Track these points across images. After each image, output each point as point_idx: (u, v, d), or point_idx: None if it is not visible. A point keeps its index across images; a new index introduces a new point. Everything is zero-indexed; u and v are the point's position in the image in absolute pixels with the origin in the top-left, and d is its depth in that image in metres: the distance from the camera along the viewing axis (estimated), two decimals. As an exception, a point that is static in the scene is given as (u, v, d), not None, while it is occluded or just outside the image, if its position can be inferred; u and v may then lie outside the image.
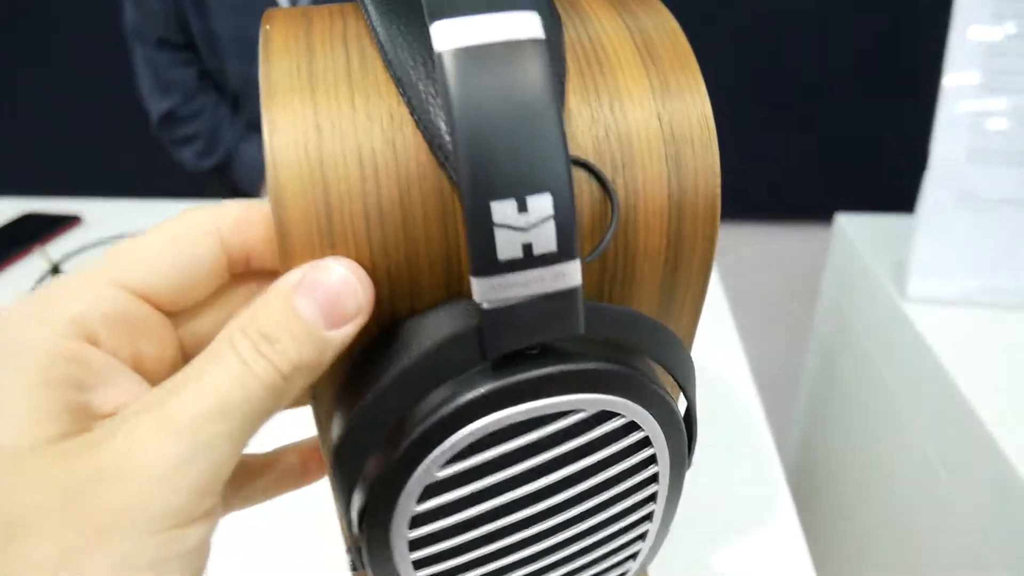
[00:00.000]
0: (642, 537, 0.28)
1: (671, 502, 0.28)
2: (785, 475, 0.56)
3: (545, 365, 0.22)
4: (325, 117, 0.22)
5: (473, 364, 0.22)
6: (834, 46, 1.30)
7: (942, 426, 0.67)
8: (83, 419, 0.20)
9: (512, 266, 0.20)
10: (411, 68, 0.23)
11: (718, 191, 0.25)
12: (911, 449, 0.73)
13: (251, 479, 0.28)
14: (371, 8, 0.24)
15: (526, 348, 0.22)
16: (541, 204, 0.20)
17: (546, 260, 0.20)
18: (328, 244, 0.22)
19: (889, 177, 1.35)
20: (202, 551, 0.20)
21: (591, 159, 0.24)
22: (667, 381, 0.30)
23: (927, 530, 0.70)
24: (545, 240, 0.20)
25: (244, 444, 0.20)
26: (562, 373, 0.22)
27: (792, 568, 0.48)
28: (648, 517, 0.28)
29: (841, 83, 1.34)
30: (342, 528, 0.25)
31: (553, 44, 0.24)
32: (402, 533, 0.23)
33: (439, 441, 0.22)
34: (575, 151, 0.24)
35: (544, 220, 0.20)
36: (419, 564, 0.24)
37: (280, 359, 0.20)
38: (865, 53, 1.30)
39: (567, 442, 0.24)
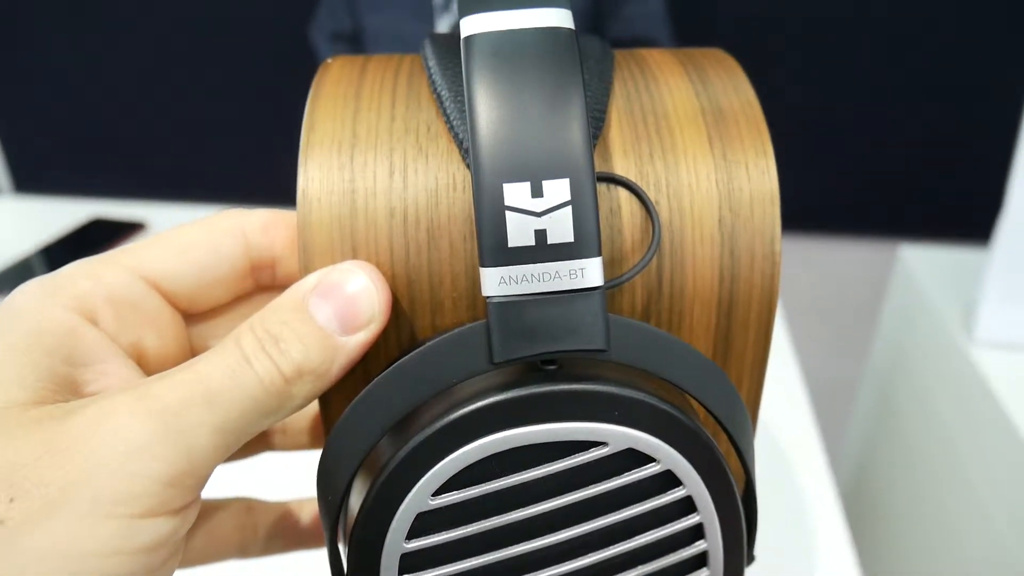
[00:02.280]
0: None
1: None
2: (838, 498, 0.55)
3: (560, 382, 0.19)
4: (363, 121, 0.22)
5: (478, 371, 0.19)
6: (912, 62, 1.27)
7: (1006, 479, 0.65)
8: (65, 392, 0.19)
9: (524, 255, 0.19)
10: (452, 88, 0.22)
11: (777, 269, 0.23)
12: (969, 494, 0.71)
13: (258, 526, 0.27)
14: (428, 47, 0.24)
15: (541, 361, 0.20)
16: (558, 189, 0.18)
17: (562, 252, 0.19)
18: (350, 247, 0.21)
19: (960, 200, 1.32)
20: (158, 554, 0.18)
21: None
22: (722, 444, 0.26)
23: (982, 574, 0.68)
24: (561, 228, 0.19)
25: (230, 443, 0.19)
26: (579, 392, 0.19)
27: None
28: None
29: (916, 100, 1.31)
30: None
31: (597, 58, 0.24)
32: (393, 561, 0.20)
33: (436, 459, 0.19)
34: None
35: (561, 206, 0.18)
36: None
37: (283, 359, 0.19)
38: (945, 72, 1.26)
39: (586, 486, 0.20)
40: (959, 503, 0.73)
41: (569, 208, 0.19)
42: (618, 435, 0.20)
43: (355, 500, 0.21)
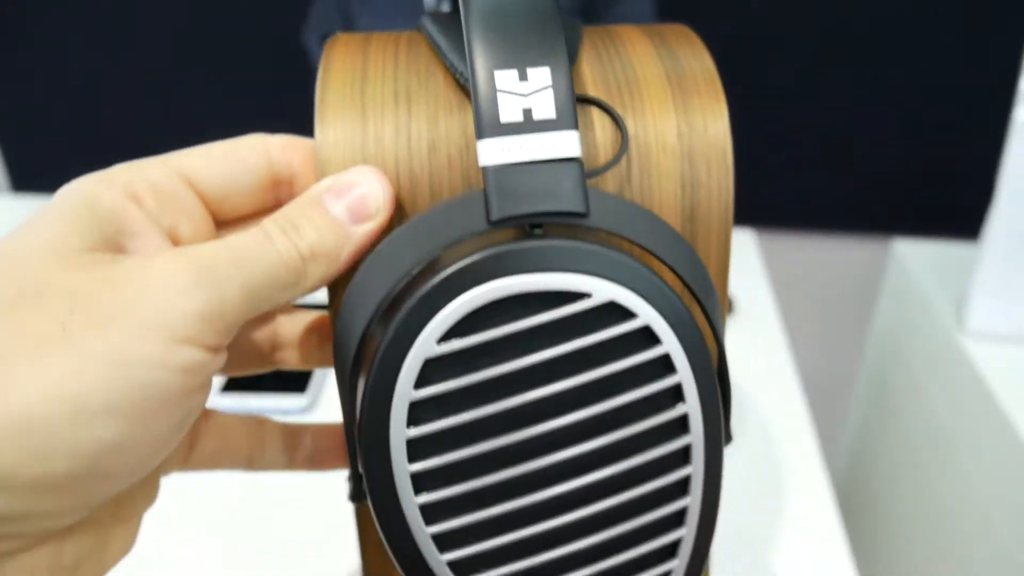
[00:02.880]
0: (680, 521, 0.25)
1: (710, 483, 0.25)
2: (833, 493, 0.56)
3: (548, 239, 0.22)
4: (371, 65, 0.26)
5: (476, 229, 0.23)
6: (906, 60, 1.28)
7: (998, 468, 0.66)
8: (112, 251, 0.22)
9: (514, 128, 0.22)
10: (447, 35, 0.26)
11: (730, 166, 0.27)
12: (964, 488, 0.71)
13: (266, 439, 0.29)
14: (425, 18, 0.28)
15: (529, 226, 0.23)
16: (540, 75, 0.23)
17: (545, 126, 0.22)
18: (360, 159, 0.25)
19: (952, 197, 1.32)
20: (191, 378, 0.20)
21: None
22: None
23: (977, 566, 0.69)
24: (544, 107, 0.22)
25: (254, 303, 0.22)
26: (565, 248, 0.22)
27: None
28: (683, 488, 0.25)
29: (910, 98, 1.31)
30: (352, 463, 0.24)
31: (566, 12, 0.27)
32: (401, 431, 0.22)
33: (438, 308, 0.22)
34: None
35: (543, 89, 0.23)
36: (419, 480, 0.23)
37: (301, 241, 0.22)
38: (937, 69, 1.27)
39: (576, 337, 0.23)
40: (952, 492, 0.74)
41: (550, 90, 0.23)
42: (600, 288, 0.22)
43: (367, 354, 0.23)
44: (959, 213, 1.15)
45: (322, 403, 0.65)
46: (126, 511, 0.24)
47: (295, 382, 0.65)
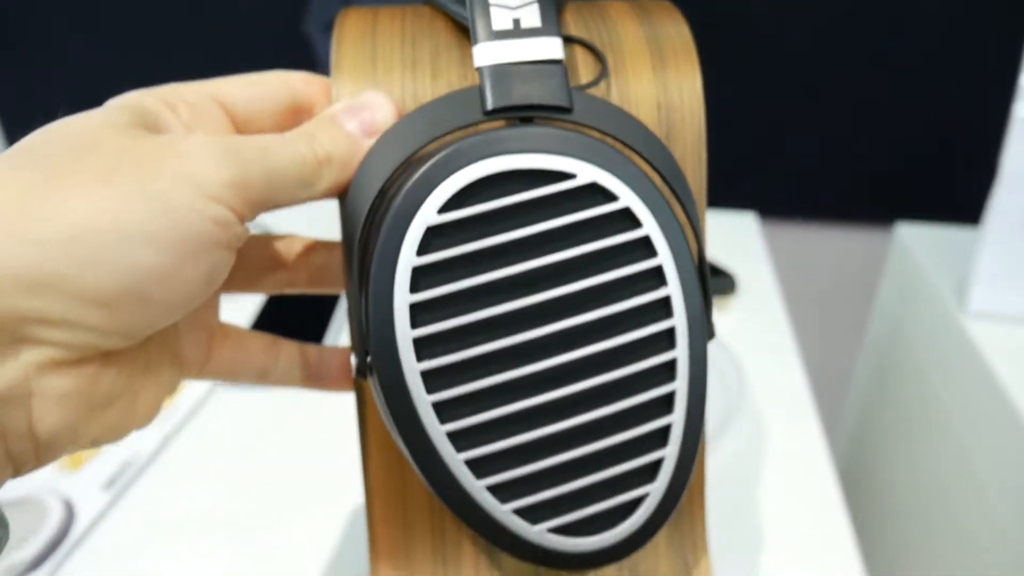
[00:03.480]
0: (668, 405, 0.27)
1: (695, 368, 0.27)
2: (835, 471, 0.56)
3: (537, 127, 0.26)
4: (382, 21, 0.30)
5: (473, 119, 0.26)
6: (901, 48, 1.28)
7: (997, 446, 0.66)
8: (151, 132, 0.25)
9: (504, 35, 0.26)
10: None
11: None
12: (963, 467, 0.72)
13: (280, 355, 0.32)
14: None
15: (521, 118, 0.26)
16: None
17: (532, 32, 0.26)
18: (371, 87, 0.28)
19: (953, 186, 1.33)
20: (220, 232, 0.23)
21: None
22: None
23: (978, 548, 0.70)
24: (530, 16, 0.26)
25: (274, 192, 0.24)
26: (552, 133, 0.25)
27: (842, 566, 0.49)
28: (670, 372, 0.26)
29: (908, 86, 1.32)
30: (352, 335, 0.26)
31: None
32: (404, 297, 0.24)
33: (439, 181, 0.24)
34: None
35: (529, 3, 0.27)
36: (421, 346, 0.25)
37: (318, 147, 0.25)
38: (934, 55, 1.27)
39: (564, 214, 0.25)
40: (952, 471, 0.75)
41: (536, 4, 0.27)
42: (584, 170, 0.25)
43: (373, 227, 0.26)
44: (959, 201, 1.15)
45: (330, 377, 0.66)
46: (155, 374, 0.26)
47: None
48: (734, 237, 0.92)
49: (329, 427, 0.60)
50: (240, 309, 0.72)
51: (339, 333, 0.71)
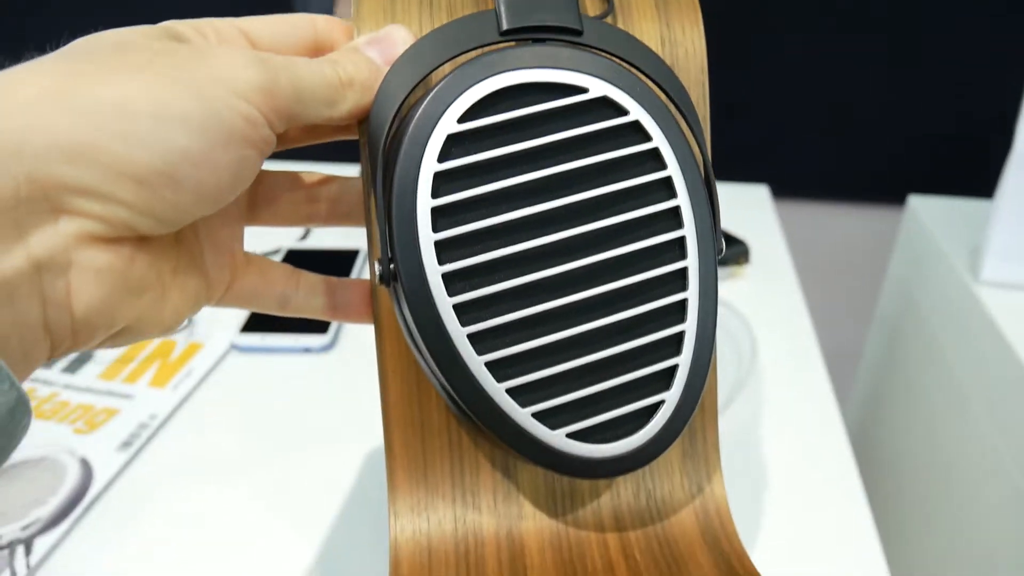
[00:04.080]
0: (681, 314, 0.28)
1: (705, 279, 0.28)
2: (847, 436, 0.56)
3: (550, 45, 0.27)
4: None
5: (488, 39, 0.27)
6: (914, 24, 1.27)
7: (1008, 410, 0.66)
8: None
9: None
10: None
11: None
12: (975, 433, 0.72)
13: (301, 283, 0.32)
14: None
15: (534, 38, 0.27)
16: None
17: None
18: (390, 21, 0.29)
19: (965, 164, 1.32)
20: (251, 130, 0.24)
21: None
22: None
23: (989, 511, 0.70)
24: None
25: (302, 104, 0.25)
26: (564, 51, 0.27)
27: (856, 536, 0.49)
28: (682, 280, 0.28)
29: (922, 62, 1.31)
30: (373, 245, 0.27)
31: None
32: (426, 202, 0.25)
33: (459, 92, 0.26)
34: None
35: None
36: (442, 249, 0.26)
37: (342, 70, 0.26)
38: (947, 33, 1.26)
39: (577, 126, 0.27)
40: (964, 435, 0.75)
41: None
42: (596, 85, 0.27)
43: (396, 138, 0.27)
44: (972, 177, 1.15)
45: (343, 341, 0.66)
46: (182, 278, 0.27)
47: (317, 322, 0.66)
48: (747, 208, 0.91)
49: (344, 390, 0.60)
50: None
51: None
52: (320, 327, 0.66)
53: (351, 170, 0.28)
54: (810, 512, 0.51)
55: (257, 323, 0.66)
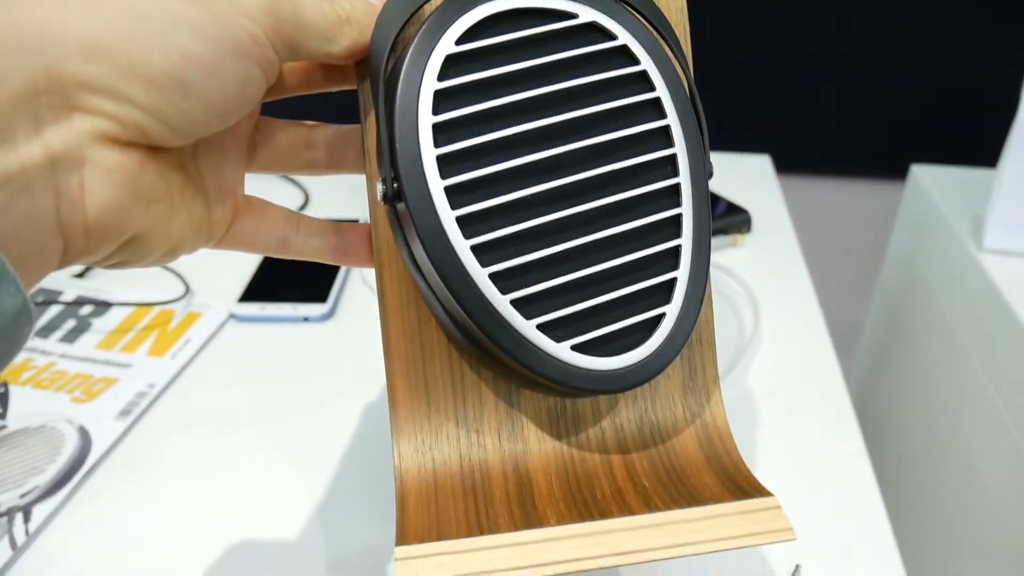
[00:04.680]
0: (677, 228, 0.29)
1: (698, 204, 0.29)
2: (851, 400, 0.56)
3: None
4: None
5: None
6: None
7: (1012, 377, 0.66)
8: None
9: None
10: None
11: None
12: (978, 399, 0.72)
13: (301, 225, 0.33)
14: None
15: None
16: None
17: None
18: None
19: (967, 135, 1.31)
20: (255, 48, 0.25)
21: None
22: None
23: (991, 475, 0.70)
24: None
25: (301, 34, 0.26)
26: None
27: (860, 500, 0.49)
28: (676, 197, 0.29)
29: (922, 29, 1.30)
30: (376, 161, 0.28)
31: None
32: (427, 118, 0.26)
33: (458, 15, 0.27)
34: None
35: None
36: (444, 164, 0.26)
37: (339, 8, 0.27)
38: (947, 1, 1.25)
39: (568, 49, 0.28)
40: (965, 401, 0.75)
41: None
42: (585, 11, 0.28)
43: (397, 60, 0.28)
44: (975, 147, 1.14)
45: (342, 310, 0.66)
46: (189, 202, 0.28)
47: (316, 292, 0.66)
48: (749, 178, 0.91)
49: (343, 359, 0.60)
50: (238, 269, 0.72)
51: (340, 296, 0.71)
52: (319, 296, 0.65)
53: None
54: (813, 477, 0.51)
55: (256, 292, 0.66)
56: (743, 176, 0.91)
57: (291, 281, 0.68)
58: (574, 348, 0.27)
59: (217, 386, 0.58)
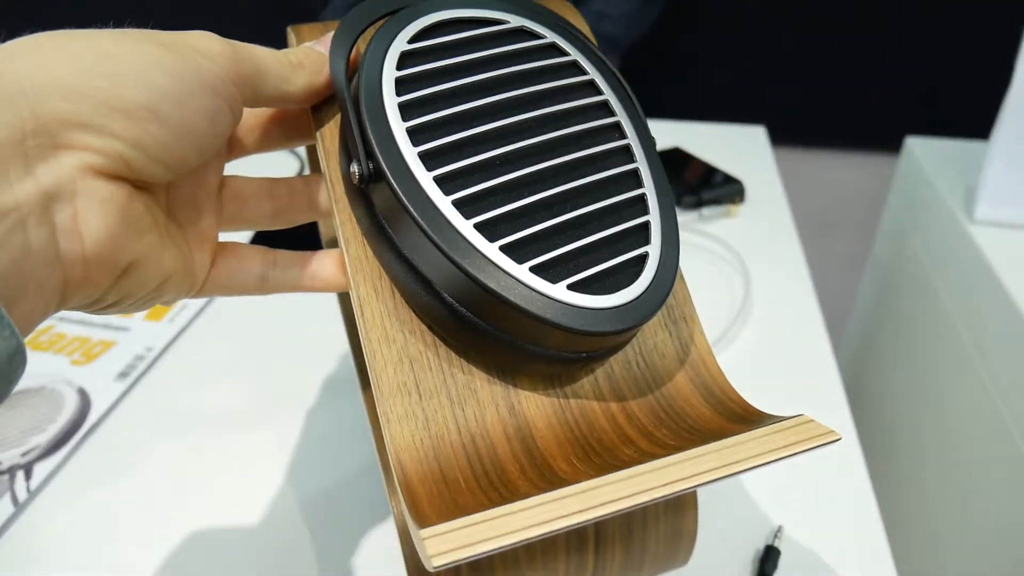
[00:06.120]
0: (637, 179, 0.31)
1: (650, 156, 0.32)
2: (840, 374, 0.57)
3: None
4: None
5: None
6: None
7: (1000, 348, 0.67)
8: None
9: None
10: None
11: None
12: (966, 369, 0.73)
13: (278, 260, 0.34)
14: None
15: None
16: None
17: None
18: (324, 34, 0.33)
19: (961, 108, 1.31)
20: (219, 84, 0.27)
21: None
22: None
23: (979, 449, 0.71)
24: None
25: (259, 77, 0.29)
26: None
27: (847, 473, 0.50)
28: (628, 154, 0.32)
29: (917, 3, 1.29)
30: (355, 148, 0.29)
31: None
32: (392, 99, 0.29)
33: (409, 21, 0.31)
34: None
35: None
36: (413, 134, 0.29)
37: (292, 55, 0.31)
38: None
39: (503, 44, 0.32)
40: (953, 370, 0.76)
41: None
42: (514, 18, 0.33)
43: (357, 59, 0.31)
44: (967, 119, 1.14)
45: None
46: (173, 240, 0.30)
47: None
48: (743, 149, 0.91)
49: (333, 319, 0.61)
50: (233, 236, 0.72)
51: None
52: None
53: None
54: (803, 455, 0.52)
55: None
56: (738, 146, 0.91)
57: (284, 246, 0.68)
58: (570, 287, 0.28)
59: (213, 350, 0.58)
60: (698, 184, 0.78)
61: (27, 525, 0.45)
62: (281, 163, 0.84)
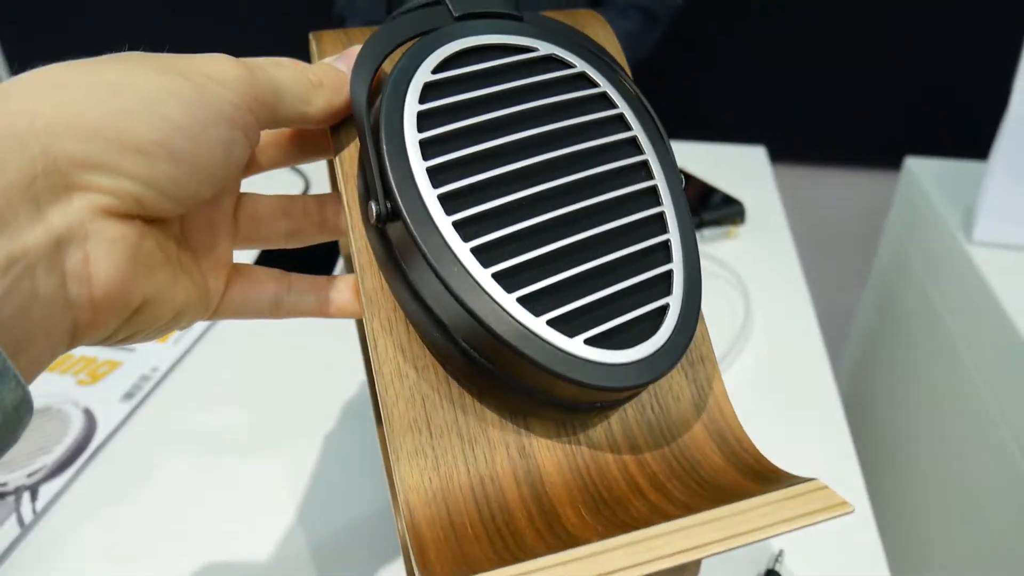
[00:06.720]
0: (662, 224, 0.30)
1: (677, 201, 0.31)
2: (838, 390, 0.57)
3: (502, 20, 0.32)
4: (355, 37, 0.34)
5: (443, 24, 0.31)
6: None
7: (999, 366, 0.67)
8: None
9: None
10: None
11: None
12: (966, 388, 0.73)
13: (292, 284, 0.34)
14: None
15: (481, 15, 0.32)
16: None
17: None
18: (347, 44, 0.33)
19: (961, 127, 1.32)
20: (234, 112, 0.27)
21: None
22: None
23: (978, 467, 0.71)
24: None
25: (276, 98, 0.28)
26: (514, 24, 0.32)
27: (845, 491, 0.50)
28: (655, 196, 0.31)
29: (915, 19, 1.30)
30: (373, 185, 0.29)
31: None
32: (414, 136, 0.28)
33: (433, 49, 0.30)
34: None
35: None
36: (433, 175, 0.28)
37: (311, 74, 0.29)
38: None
39: (534, 75, 0.31)
40: (953, 389, 0.76)
41: None
42: (544, 45, 0.32)
43: (379, 88, 0.30)
44: (967, 139, 1.15)
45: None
46: (187, 272, 0.29)
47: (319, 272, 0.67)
48: (743, 169, 0.92)
49: (348, 344, 0.61)
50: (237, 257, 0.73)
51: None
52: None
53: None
54: (799, 465, 0.52)
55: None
56: (738, 167, 0.92)
57: (291, 268, 0.69)
58: (587, 342, 0.27)
59: (220, 371, 0.59)
60: (698, 205, 0.79)
61: (33, 546, 0.45)
62: (286, 182, 0.84)
